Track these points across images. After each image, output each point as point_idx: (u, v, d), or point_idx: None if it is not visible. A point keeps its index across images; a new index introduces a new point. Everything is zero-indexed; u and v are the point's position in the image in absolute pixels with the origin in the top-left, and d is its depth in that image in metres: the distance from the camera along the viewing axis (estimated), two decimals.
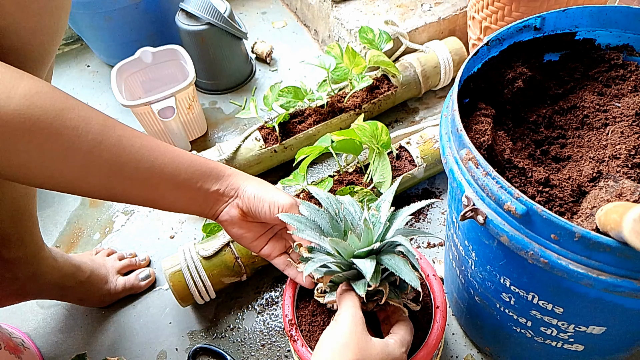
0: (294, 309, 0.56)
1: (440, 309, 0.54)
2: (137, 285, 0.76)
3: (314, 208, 0.50)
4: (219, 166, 0.51)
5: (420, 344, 0.52)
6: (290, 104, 0.87)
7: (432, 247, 0.78)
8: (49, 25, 0.44)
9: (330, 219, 0.48)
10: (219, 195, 0.51)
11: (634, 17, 0.53)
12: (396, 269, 0.44)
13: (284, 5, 1.34)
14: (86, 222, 0.87)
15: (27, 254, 0.61)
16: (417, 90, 0.97)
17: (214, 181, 0.50)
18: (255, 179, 0.53)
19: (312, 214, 0.49)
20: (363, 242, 0.45)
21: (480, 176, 0.41)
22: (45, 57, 0.46)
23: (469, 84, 0.56)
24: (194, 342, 0.70)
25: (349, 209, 0.50)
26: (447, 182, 0.72)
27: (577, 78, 0.59)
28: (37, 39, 0.43)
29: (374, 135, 0.73)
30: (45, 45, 0.45)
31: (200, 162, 0.50)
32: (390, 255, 0.45)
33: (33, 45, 0.43)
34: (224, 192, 0.51)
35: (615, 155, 0.49)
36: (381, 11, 1.04)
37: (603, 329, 0.44)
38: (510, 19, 0.78)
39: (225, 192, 0.51)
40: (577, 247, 0.36)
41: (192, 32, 0.95)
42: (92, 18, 1.00)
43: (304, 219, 0.49)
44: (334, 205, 0.49)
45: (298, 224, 0.48)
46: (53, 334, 0.73)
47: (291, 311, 0.55)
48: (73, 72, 1.19)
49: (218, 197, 0.51)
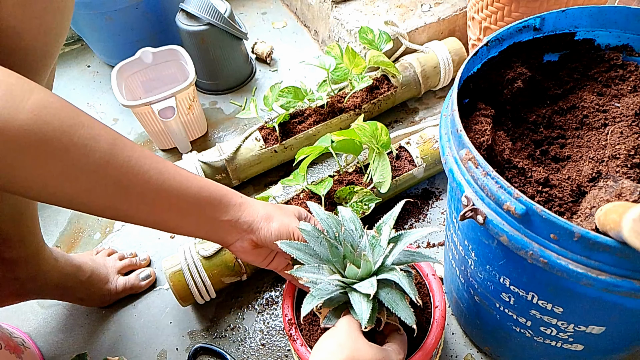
0: (294, 309, 0.56)
1: (439, 308, 0.54)
2: (137, 285, 0.76)
3: (314, 235, 0.49)
4: (229, 193, 0.50)
5: (420, 343, 0.52)
6: (290, 104, 0.87)
7: (432, 247, 0.78)
8: (51, 26, 0.44)
9: (329, 246, 0.48)
10: (230, 227, 0.49)
11: (633, 17, 0.53)
12: (393, 305, 0.45)
13: (284, 6, 1.34)
14: (87, 222, 0.87)
15: (28, 254, 0.62)
16: (416, 91, 0.98)
17: (224, 211, 0.49)
18: (266, 208, 0.52)
19: (311, 241, 0.49)
20: (362, 271, 0.46)
21: (479, 176, 0.41)
22: (48, 58, 0.46)
23: (468, 84, 0.56)
24: (194, 342, 0.70)
25: (349, 227, 0.50)
26: (447, 182, 0.72)
27: (577, 78, 0.59)
28: (40, 40, 0.43)
29: (373, 135, 0.73)
30: (49, 46, 0.45)
31: (211, 189, 0.48)
32: (387, 289, 0.46)
33: (36, 46, 0.43)
34: (236, 224, 0.49)
35: (615, 155, 0.49)
36: (381, 11, 1.04)
37: (602, 328, 0.44)
38: (510, 19, 0.78)
39: (237, 224, 0.49)
40: (576, 247, 0.36)
41: (193, 33, 0.95)
42: (92, 18, 1.00)
43: (303, 247, 0.49)
44: (334, 228, 0.49)
45: (297, 252, 0.49)
46: (53, 333, 0.73)
47: (291, 311, 0.55)
48: (74, 72, 1.19)
49: (229, 228, 0.49)
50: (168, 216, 0.46)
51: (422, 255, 0.50)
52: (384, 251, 0.47)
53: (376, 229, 0.50)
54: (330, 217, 0.50)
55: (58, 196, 0.40)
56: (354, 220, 0.51)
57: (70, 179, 0.38)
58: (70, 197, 0.40)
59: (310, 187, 0.74)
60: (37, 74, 0.45)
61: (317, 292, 0.47)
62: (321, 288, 0.47)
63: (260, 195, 0.76)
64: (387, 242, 0.48)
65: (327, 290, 0.47)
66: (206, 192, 0.47)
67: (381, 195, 0.76)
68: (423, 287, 0.58)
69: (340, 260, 0.48)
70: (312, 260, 0.49)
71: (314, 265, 0.48)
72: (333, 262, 0.48)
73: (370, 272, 0.47)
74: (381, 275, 0.46)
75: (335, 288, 0.47)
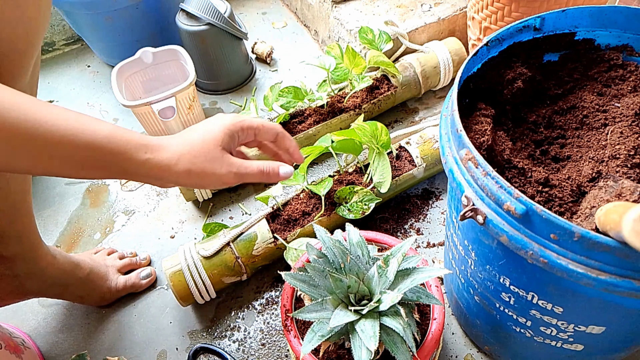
0: (293, 300, 0.56)
1: (437, 321, 0.53)
2: (138, 284, 0.76)
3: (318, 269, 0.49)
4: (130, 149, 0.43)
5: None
6: (290, 104, 0.87)
7: (432, 247, 0.78)
8: (32, 16, 0.44)
9: (333, 280, 0.47)
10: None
11: (633, 17, 0.53)
12: (393, 348, 0.46)
13: (284, 6, 1.34)
14: (87, 222, 0.87)
15: (25, 251, 0.62)
16: (416, 91, 0.98)
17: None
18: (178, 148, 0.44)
19: (315, 276, 0.49)
20: (367, 310, 0.46)
21: (479, 176, 0.41)
22: (30, 48, 0.46)
23: (468, 84, 0.56)
24: (194, 342, 0.70)
25: (355, 252, 0.50)
26: (447, 182, 0.72)
27: (577, 78, 0.59)
28: (21, 30, 0.43)
29: (373, 135, 0.73)
30: (30, 37, 0.45)
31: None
32: (389, 330, 0.46)
33: (17, 36, 0.43)
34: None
35: (615, 155, 0.49)
36: (381, 11, 1.04)
37: (602, 328, 0.44)
38: (510, 19, 0.78)
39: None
40: (576, 247, 0.36)
41: (193, 33, 0.95)
42: (92, 18, 1.00)
43: (307, 279, 0.49)
44: (340, 259, 0.49)
45: (301, 284, 0.49)
46: (53, 333, 0.73)
47: (290, 301, 0.56)
48: (73, 72, 1.19)
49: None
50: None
51: (428, 296, 0.49)
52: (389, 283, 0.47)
53: (383, 260, 0.49)
54: (335, 246, 0.50)
55: None
56: (362, 246, 0.50)
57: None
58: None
59: (311, 187, 0.74)
60: (20, 65, 0.45)
61: (319, 328, 0.47)
62: (323, 327, 0.47)
63: (260, 195, 0.76)
64: (394, 275, 0.48)
65: (328, 329, 0.47)
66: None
67: (381, 195, 0.76)
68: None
69: (344, 291, 0.48)
70: (315, 291, 0.49)
71: (316, 302, 0.48)
72: (337, 293, 0.48)
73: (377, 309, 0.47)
74: (384, 320, 0.46)
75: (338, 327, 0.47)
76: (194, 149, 0.45)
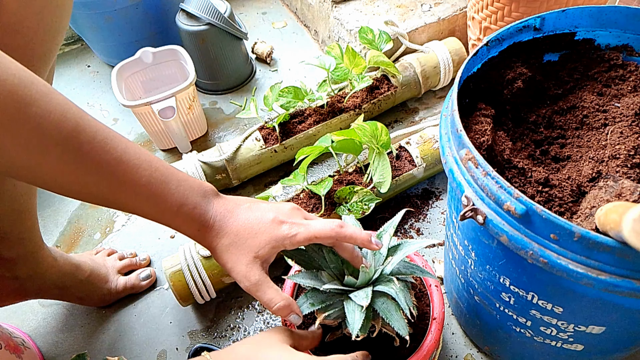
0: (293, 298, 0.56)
1: (437, 321, 0.53)
2: (138, 285, 0.76)
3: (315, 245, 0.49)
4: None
5: (415, 351, 0.51)
6: (290, 104, 0.87)
7: (432, 247, 0.78)
8: (50, 23, 0.44)
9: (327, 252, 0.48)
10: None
11: (633, 17, 0.53)
12: (387, 315, 0.45)
13: (284, 6, 1.34)
14: (87, 222, 0.87)
15: (27, 253, 0.62)
16: (416, 91, 0.98)
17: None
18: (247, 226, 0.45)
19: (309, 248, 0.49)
20: (360, 281, 0.47)
21: (479, 176, 0.41)
22: (47, 55, 0.46)
23: (468, 84, 0.56)
24: (194, 342, 0.70)
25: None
26: (447, 182, 0.72)
27: (577, 78, 0.59)
28: (40, 37, 0.43)
29: (373, 135, 0.73)
30: (48, 44, 0.45)
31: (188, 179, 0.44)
32: (383, 299, 0.47)
33: (35, 43, 0.43)
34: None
35: (615, 155, 0.49)
36: (381, 11, 1.04)
37: (602, 328, 0.44)
38: (510, 19, 0.78)
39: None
40: (576, 247, 0.36)
41: (193, 33, 0.95)
42: (92, 18, 1.00)
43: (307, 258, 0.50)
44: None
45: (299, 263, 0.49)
46: (53, 333, 0.73)
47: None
48: (73, 72, 1.19)
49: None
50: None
51: (421, 270, 0.50)
52: (382, 259, 0.47)
53: (376, 237, 0.50)
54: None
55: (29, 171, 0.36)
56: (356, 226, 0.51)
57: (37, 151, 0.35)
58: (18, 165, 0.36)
59: (310, 187, 0.74)
60: (36, 71, 0.45)
61: (312, 295, 0.47)
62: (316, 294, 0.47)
63: (260, 195, 0.76)
64: (387, 250, 0.48)
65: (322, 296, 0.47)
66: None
67: (381, 195, 0.76)
68: (424, 297, 0.57)
69: (339, 266, 0.48)
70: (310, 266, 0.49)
71: (311, 272, 0.48)
72: (331, 267, 0.48)
73: (369, 281, 0.47)
74: (378, 287, 0.46)
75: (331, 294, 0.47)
76: (238, 242, 0.44)
